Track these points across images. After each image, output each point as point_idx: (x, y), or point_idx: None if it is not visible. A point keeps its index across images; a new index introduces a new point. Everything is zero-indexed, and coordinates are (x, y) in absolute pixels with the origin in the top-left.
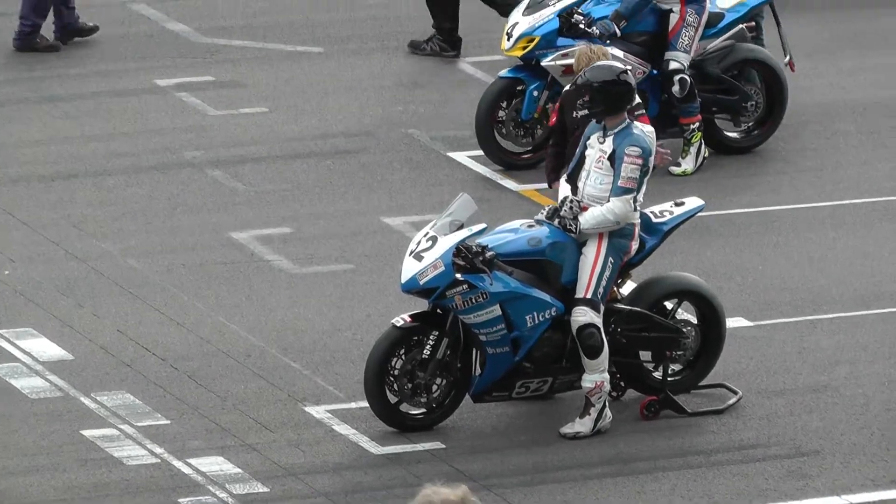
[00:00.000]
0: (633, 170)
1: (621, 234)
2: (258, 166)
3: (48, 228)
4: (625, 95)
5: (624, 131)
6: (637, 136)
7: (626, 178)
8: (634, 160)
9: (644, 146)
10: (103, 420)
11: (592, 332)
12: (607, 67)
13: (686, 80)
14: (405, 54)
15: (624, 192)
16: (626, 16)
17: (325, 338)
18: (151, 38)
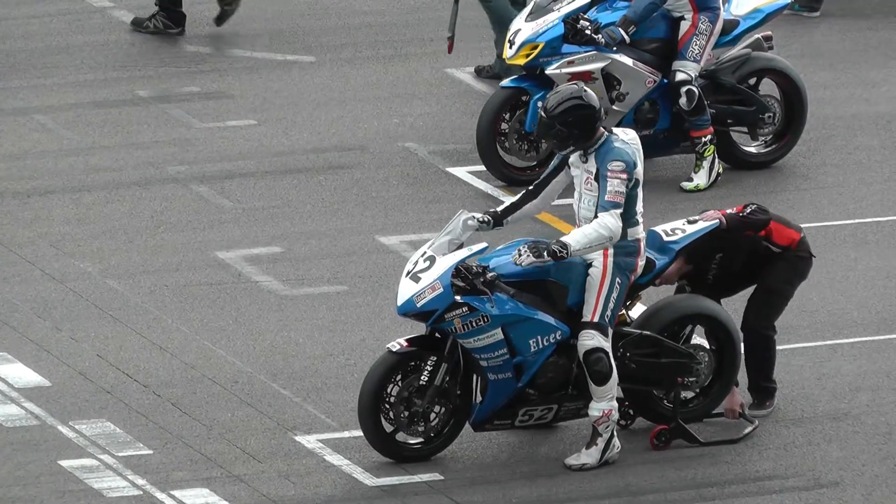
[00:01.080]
0: (618, 184)
1: (626, 252)
2: (246, 182)
3: (24, 247)
4: (592, 116)
5: (604, 147)
6: (618, 150)
7: (613, 192)
8: (618, 175)
9: (627, 159)
10: (82, 450)
11: (600, 356)
12: (564, 94)
13: (694, 92)
14: (401, 63)
15: (612, 206)
16: (635, 21)
17: (317, 363)
18: (133, 47)
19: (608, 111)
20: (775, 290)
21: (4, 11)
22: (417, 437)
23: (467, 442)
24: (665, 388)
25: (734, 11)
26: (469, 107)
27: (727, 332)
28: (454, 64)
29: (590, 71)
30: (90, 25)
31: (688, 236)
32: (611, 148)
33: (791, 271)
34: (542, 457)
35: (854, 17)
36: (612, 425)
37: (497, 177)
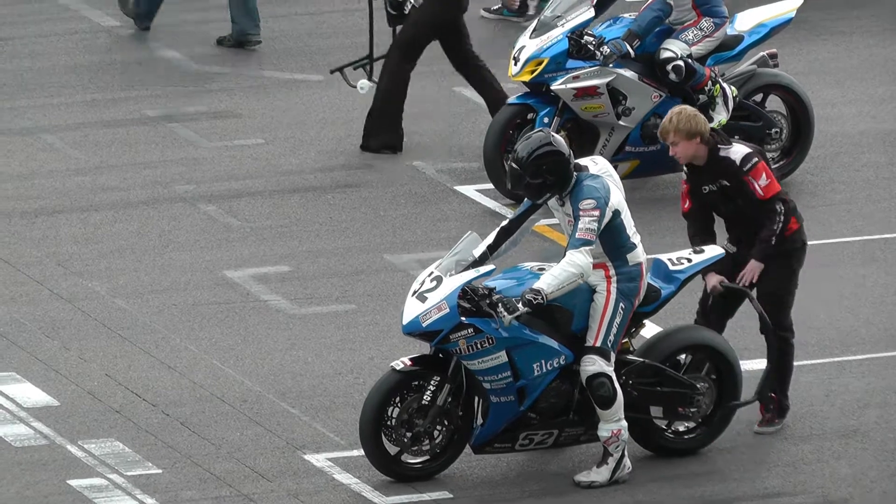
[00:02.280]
0: (590, 221)
1: (628, 277)
2: (254, 201)
3: (31, 267)
4: (565, 161)
5: (575, 189)
6: (587, 188)
7: (584, 229)
8: (590, 213)
9: (596, 195)
10: (91, 469)
11: (603, 381)
12: (533, 142)
13: (680, 66)
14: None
15: (582, 243)
16: (639, 35)
17: (326, 382)
18: (140, 66)
19: (615, 127)
20: (778, 292)
21: (12, 31)
22: (420, 455)
23: (476, 460)
24: (665, 417)
25: (738, 27)
26: (476, 125)
27: (727, 362)
28: (462, 82)
29: (595, 86)
30: (98, 45)
31: (693, 266)
32: (581, 188)
33: (787, 268)
34: (551, 474)
35: (860, 34)
36: (623, 445)
37: (504, 194)
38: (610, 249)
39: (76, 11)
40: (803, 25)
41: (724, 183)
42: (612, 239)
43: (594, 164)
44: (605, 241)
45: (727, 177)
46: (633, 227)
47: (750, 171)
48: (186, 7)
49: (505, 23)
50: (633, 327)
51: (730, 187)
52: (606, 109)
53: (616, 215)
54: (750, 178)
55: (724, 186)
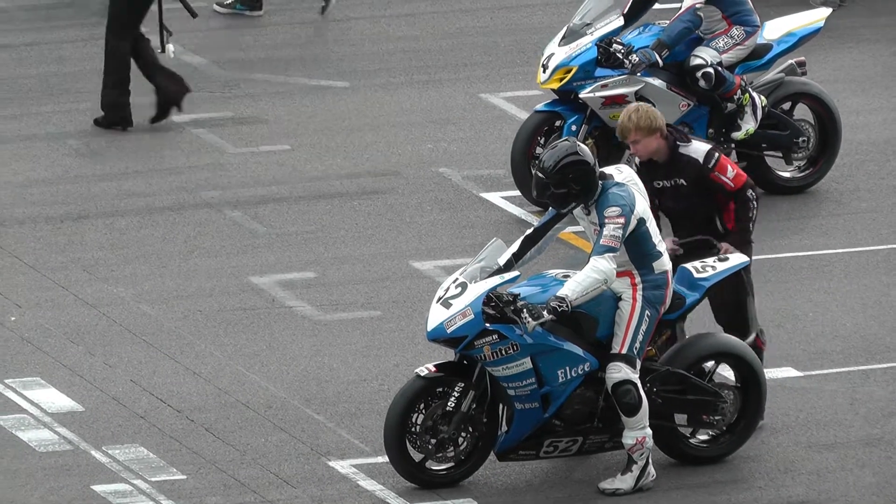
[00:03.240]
0: (614, 229)
1: (654, 285)
2: (280, 207)
3: (57, 272)
4: (591, 170)
5: (601, 198)
6: (612, 196)
7: (609, 236)
8: (615, 220)
9: (622, 203)
10: (115, 475)
11: (628, 388)
12: (560, 151)
13: (710, 73)
14: (435, 88)
15: (606, 250)
16: (668, 45)
17: (351, 388)
18: None
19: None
20: (734, 300)
21: (37, 36)
22: (445, 462)
23: (501, 467)
24: (690, 425)
25: (767, 36)
26: (503, 132)
27: (752, 370)
28: (488, 89)
29: (623, 94)
30: None
31: (718, 273)
32: (606, 195)
33: (738, 276)
34: (575, 482)
35: (887, 41)
36: (647, 452)
37: (531, 201)
38: (636, 257)
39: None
40: (830, 33)
41: (680, 181)
42: (637, 247)
43: (619, 173)
44: (631, 249)
45: (686, 175)
46: (658, 235)
47: (715, 168)
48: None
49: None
50: (659, 335)
51: (685, 186)
52: None
53: (641, 223)
54: (717, 174)
55: (680, 185)
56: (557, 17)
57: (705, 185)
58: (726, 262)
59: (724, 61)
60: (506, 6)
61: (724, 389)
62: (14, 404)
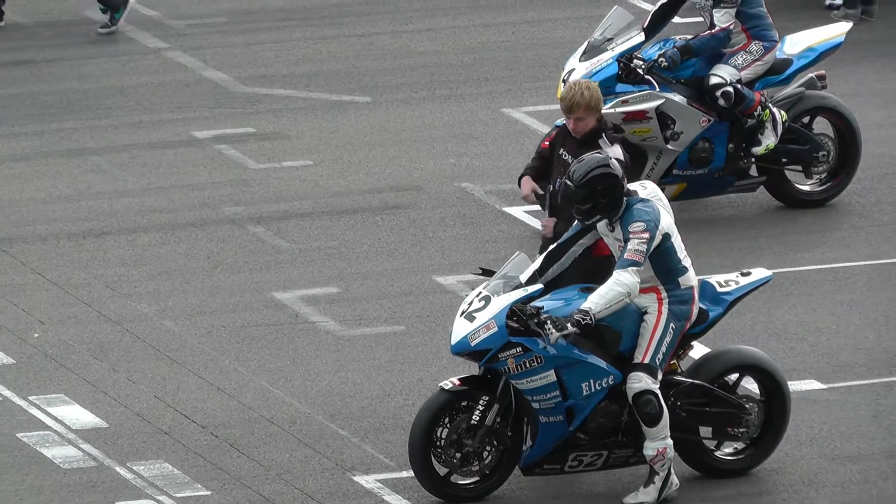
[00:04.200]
0: (639, 244)
1: (680, 299)
2: (302, 222)
3: (79, 289)
4: (619, 185)
5: (625, 214)
6: (637, 212)
7: (633, 251)
8: (639, 235)
9: (646, 218)
10: (140, 491)
11: (649, 399)
12: (590, 163)
13: (730, 93)
14: (457, 103)
15: (630, 264)
16: (696, 52)
17: (375, 403)
18: (188, 88)
19: (663, 150)
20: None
21: (58, 53)
22: (471, 476)
23: (525, 482)
24: (715, 438)
25: (787, 50)
26: (525, 146)
27: (775, 382)
28: (510, 104)
29: (644, 110)
30: (145, 66)
31: (741, 288)
32: (631, 211)
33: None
34: (600, 495)
35: None
36: (669, 463)
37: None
38: (662, 273)
39: (123, 33)
40: (850, 47)
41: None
42: (663, 262)
43: (643, 189)
44: (657, 264)
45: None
46: (683, 250)
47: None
48: (234, 28)
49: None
50: (682, 349)
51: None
52: (655, 133)
53: (666, 239)
54: None
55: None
56: (579, 31)
57: None
58: (749, 277)
59: (743, 78)
60: (527, 21)
61: (749, 402)
62: (38, 421)
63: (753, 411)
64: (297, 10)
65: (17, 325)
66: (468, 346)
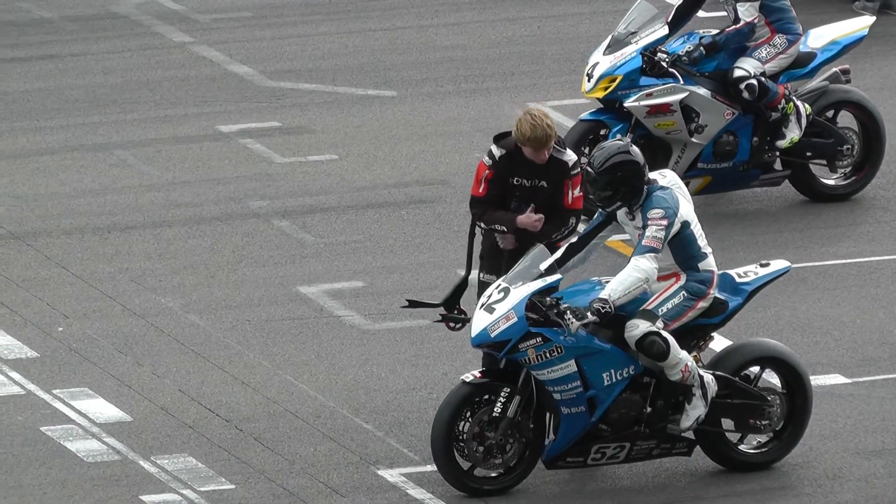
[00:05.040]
0: (657, 230)
1: (698, 279)
2: (328, 217)
3: (104, 283)
4: (640, 172)
5: (646, 200)
6: (657, 199)
7: (651, 237)
8: (658, 222)
9: (665, 206)
10: (164, 485)
11: (653, 340)
12: (611, 150)
13: (753, 85)
14: (483, 97)
15: (648, 250)
16: (721, 46)
17: (399, 397)
18: (214, 82)
19: (687, 144)
20: None
21: (84, 47)
22: (495, 469)
23: (550, 476)
24: (737, 430)
25: (811, 44)
26: None
27: (797, 375)
28: (535, 98)
29: (668, 103)
30: (170, 61)
31: (760, 278)
32: (651, 199)
33: None
34: (624, 490)
35: None
36: (696, 371)
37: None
38: (682, 260)
39: (148, 27)
40: (875, 41)
41: (541, 184)
42: (683, 250)
43: (663, 178)
44: (677, 252)
45: (549, 178)
46: (704, 239)
47: (574, 177)
48: (259, 23)
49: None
50: (702, 340)
51: (545, 189)
52: (679, 126)
53: (685, 226)
54: (570, 182)
55: (539, 187)
56: (604, 25)
57: (561, 189)
58: (768, 268)
59: (766, 71)
60: (553, 15)
61: (771, 394)
62: (62, 415)
63: (775, 403)
64: (323, 5)
65: (42, 318)
66: (488, 337)
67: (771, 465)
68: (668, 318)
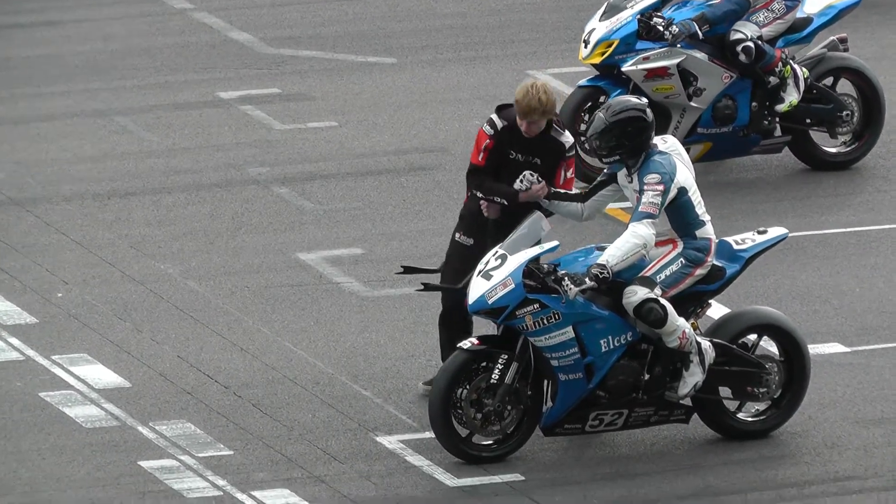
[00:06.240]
0: (654, 196)
1: (695, 247)
2: (327, 183)
3: (104, 249)
4: (647, 133)
5: (644, 163)
6: (654, 163)
7: (648, 203)
8: (654, 187)
9: (661, 171)
10: (162, 450)
11: (651, 307)
12: (629, 103)
13: (750, 47)
14: (483, 65)
15: (644, 216)
16: (711, 21)
17: (398, 364)
18: (214, 49)
19: (686, 108)
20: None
21: (84, 13)
22: (493, 436)
23: (548, 443)
24: (735, 398)
25: (807, 9)
26: None
27: (794, 342)
28: (535, 66)
29: (665, 67)
30: (170, 27)
31: (757, 245)
32: (649, 163)
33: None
34: (622, 457)
35: None
36: (694, 338)
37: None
38: (679, 227)
39: None
40: (875, 10)
41: (535, 160)
42: (680, 216)
43: (663, 143)
44: (674, 218)
45: (543, 155)
46: (703, 206)
47: (569, 159)
48: None
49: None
50: (699, 307)
51: (538, 166)
52: (677, 90)
53: (683, 193)
54: (565, 164)
55: (533, 163)
56: None
57: (554, 170)
58: (765, 235)
59: (764, 35)
60: None
61: (768, 362)
62: (61, 380)
63: (773, 371)
64: None
65: (41, 285)
66: (486, 304)
67: (769, 433)
68: (666, 285)
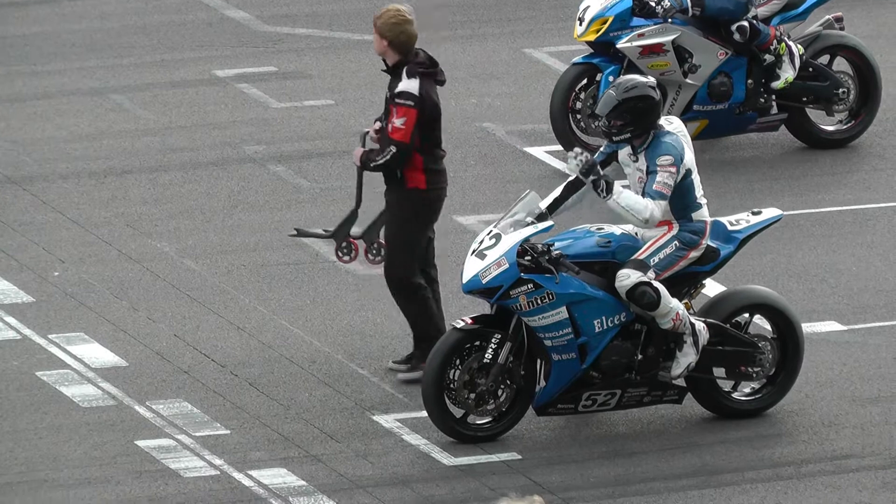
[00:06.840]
0: (667, 177)
1: (690, 229)
2: (324, 162)
3: (100, 227)
4: (656, 112)
5: (652, 143)
6: (665, 145)
7: (662, 183)
8: (667, 168)
9: (674, 153)
10: (159, 430)
11: (643, 290)
12: (640, 80)
13: (745, 27)
14: (479, 43)
15: (658, 196)
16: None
17: (395, 343)
18: (210, 26)
19: (682, 85)
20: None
21: None
22: (486, 416)
23: (545, 421)
24: (729, 378)
25: None
26: (546, 87)
27: (787, 320)
28: (532, 44)
29: (660, 43)
30: (167, 5)
31: (751, 226)
32: (659, 143)
33: (399, 216)
34: (619, 436)
35: None
36: (687, 319)
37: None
38: (677, 209)
39: None
40: None
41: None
42: (681, 197)
43: (669, 123)
44: (674, 199)
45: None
46: (700, 189)
47: (397, 106)
48: None
49: None
50: (694, 287)
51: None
52: (673, 67)
53: (688, 174)
54: (395, 109)
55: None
56: None
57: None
58: (760, 216)
59: (759, 14)
60: None
61: (762, 340)
62: (58, 360)
63: (766, 349)
64: None
65: (38, 263)
66: (480, 283)
67: (764, 411)
68: (660, 268)
